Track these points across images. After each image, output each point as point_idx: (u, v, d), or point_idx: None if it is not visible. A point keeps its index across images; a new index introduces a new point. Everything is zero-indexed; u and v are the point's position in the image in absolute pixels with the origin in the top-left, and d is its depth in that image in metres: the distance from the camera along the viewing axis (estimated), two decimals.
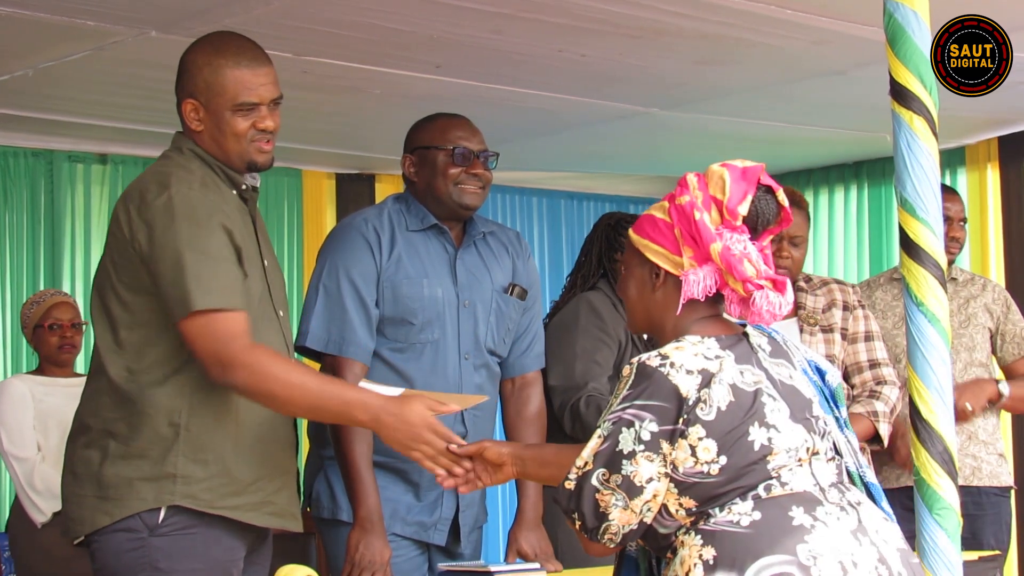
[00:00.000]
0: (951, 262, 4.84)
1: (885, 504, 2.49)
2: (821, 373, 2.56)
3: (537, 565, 3.56)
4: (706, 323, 2.48)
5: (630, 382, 2.37)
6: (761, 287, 2.41)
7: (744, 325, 2.54)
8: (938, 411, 2.99)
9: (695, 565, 2.32)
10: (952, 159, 6.52)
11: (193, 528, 2.95)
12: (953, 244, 4.81)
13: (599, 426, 2.39)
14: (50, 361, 5.26)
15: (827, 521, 2.33)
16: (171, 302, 2.89)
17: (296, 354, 3.38)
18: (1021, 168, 6.37)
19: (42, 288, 5.97)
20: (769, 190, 2.52)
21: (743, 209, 2.45)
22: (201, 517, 2.95)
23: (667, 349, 2.39)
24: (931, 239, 3.00)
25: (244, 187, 3.09)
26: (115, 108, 5.39)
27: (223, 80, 3.02)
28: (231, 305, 2.89)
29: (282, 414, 3.02)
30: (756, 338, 2.51)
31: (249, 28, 4.18)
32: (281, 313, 3.13)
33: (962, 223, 4.88)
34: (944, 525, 3.05)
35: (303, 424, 4.00)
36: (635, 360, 2.39)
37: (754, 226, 2.49)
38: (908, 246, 3.02)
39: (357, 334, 3.51)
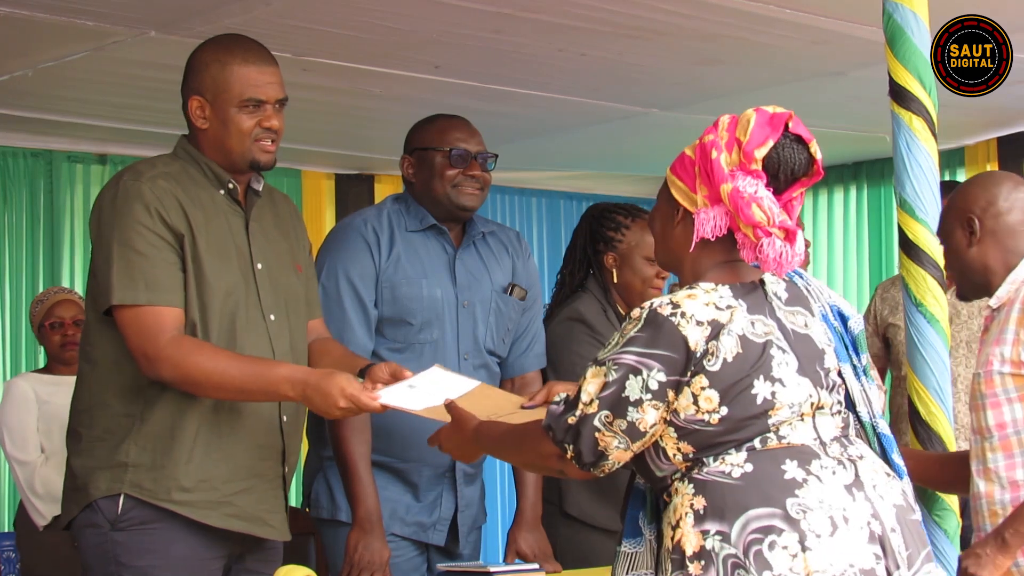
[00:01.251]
0: None
1: (896, 456, 2.46)
2: (844, 319, 2.52)
3: (536, 565, 3.56)
4: (722, 269, 2.45)
5: (639, 326, 2.35)
6: (770, 234, 2.37)
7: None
8: (937, 412, 3.00)
9: (686, 514, 2.33)
10: (951, 160, 6.52)
11: (152, 524, 2.96)
12: None
13: (602, 364, 2.37)
14: (55, 359, 5.27)
15: (821, 475, 2.31)
16: (99, 295, 2.96)
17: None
18: (1020, 169, 6.36)
19: (41, 288, 5.97)
20: (799, 139, 2.48)
21: (760, 153, 2.41)
22: (158, 513, 2.96)
23: (679, 297, 2.37)
24: (930, 240, 3.00)
25: (231, 185, 3.09)
26: (114, 108, 5.39)
27: (230, 77, 3.03)
28: (156, 301, 2.91)
29: (215, 398, 2.99)
30: (773, 286, 2.47)
31: (249, 28, 4.18)
32: (272, 317, 3.10)
33: None
34: (943, 526, 3.05)
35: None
36: (647, 304, 2.37)
37: (775, 173, 2.44)
38: (907, 247, 3.03)
39: (356, 334, 3.51)
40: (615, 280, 3.97)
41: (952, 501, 3.07)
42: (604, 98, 5.32)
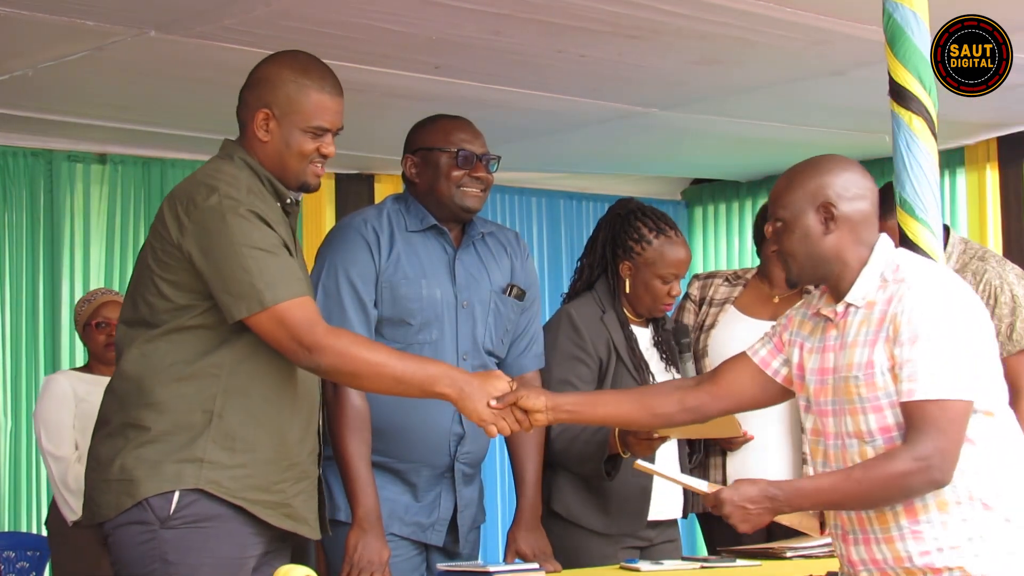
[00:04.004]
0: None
1: None
2: None
3: (536, 565, 3.56)
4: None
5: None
6: None
7: None
8: None
9: None
10: (951, 160, 6.52)
11: (204, 522, 2.97)
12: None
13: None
14: (97, 359, 5.28)
15: None
16: (235, 300, 2.96)
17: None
18: (1020, 169, 6.37)
19: (41, 288, 5.98)
20: None
21: None
22: (219, 510, 2.98)
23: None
24: (930, 239, 3.00)
25: (288, 200, 3.15)
26: (114, 108, 5.39)
27: (305, 100, 3.11)
28: (298, 293, 2.99)
29: (370, 391, 3.21)
30: None
31: (249, 28, 4.19)
32: None
33: None
34: None
35: None
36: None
37: None
38: (907, 247, 3.03)
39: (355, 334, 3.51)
40: (627, 290, 3.95)
41: None
42: (604, 98, 5.32)
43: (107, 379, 5.16)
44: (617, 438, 3.70)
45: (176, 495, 2.96)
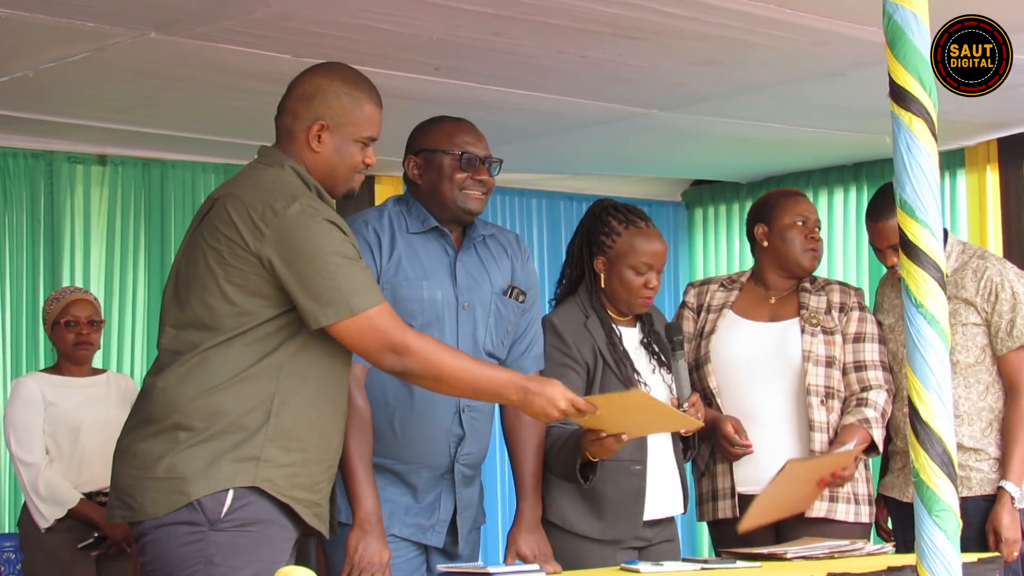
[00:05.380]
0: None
1: None
2: None
3: (536, 567, 3.55)
4: None
5: None
6: None
7: None
8: (937, 413, 2.99)
9: None
10: (951, 161, 6.52)
11: (251, 526, 3.02)
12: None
13: None
14: (67, 358, 5.25)
15: None
16: (322, 307, 3.03)
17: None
18: (1020, 170, 6.37)
19: (42, 288, 5.97)
20: None
21: None
22: (267, 511, 3.03)
23: None
24: (930, 241, 3.00)
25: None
26: (114, 109, 5.39)
27: (359, 112, 3.24)
28: (381, 299, 3.10)
29: (445, 394, 3.35)
30: None
31: (249, 30, 4.19)
32: None
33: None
34: (943, 527, 3.04)
35: None
36: None
37: None
38: (907, 248, 3.02)
39: None
40: (603, 285, 3.91)
41: (952, 503, 3.07)
42: (604, 99, 5.32)
43: (76, 380, 5.22)
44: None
45: (230, 495, 3.00)
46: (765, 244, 4.39)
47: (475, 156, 3.62)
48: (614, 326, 3.91)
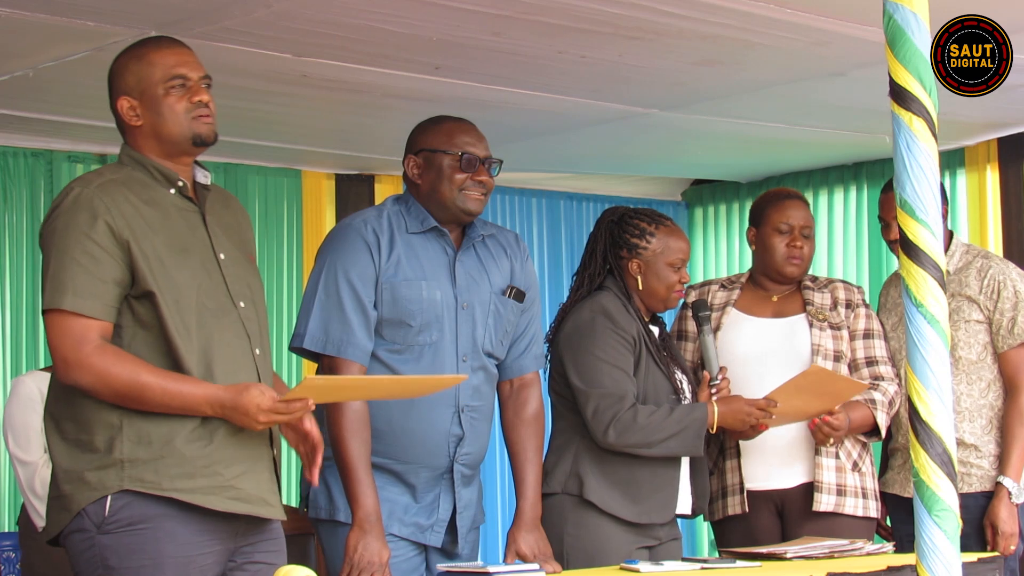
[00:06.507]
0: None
1: None
2: None
3: (536, 566, 3.56)
4: None
5: None
6: None
7: None
8: (937, 412, 2.99)
9: None
10: (951, 160, 6.52)
11: (139, 524, 2.96)
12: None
13: None
14: None
15: None
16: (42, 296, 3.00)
17: (293, 355, 3.39)
18: (1020, 169, 6.36)
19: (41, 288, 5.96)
20: None
21: None
22: (151, 509, 2.96)
23: None
24: (930, 240, 3.00)
25: (181, 183, 3.12)
26: None
27: (149, 65, 3.11)
28: (82, 309, 2.95)
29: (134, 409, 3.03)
30: None
31: (249, 29, 4.19)
32: (242, 304, 3.14)
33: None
34: (943, 526, 3.04)
35: None
36: None
37: None
38: (907, 247, 3.02)
39: (356, 335, 3.51)
40: (639, 287, 4.02)
41: (951, 502, 3.07)
42: (604, 99, 5.32)
43: None
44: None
45: (108, 500, 2.96)
46: (753, 248, 4.44)
47: (475, 156, 3.62)
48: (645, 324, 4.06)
